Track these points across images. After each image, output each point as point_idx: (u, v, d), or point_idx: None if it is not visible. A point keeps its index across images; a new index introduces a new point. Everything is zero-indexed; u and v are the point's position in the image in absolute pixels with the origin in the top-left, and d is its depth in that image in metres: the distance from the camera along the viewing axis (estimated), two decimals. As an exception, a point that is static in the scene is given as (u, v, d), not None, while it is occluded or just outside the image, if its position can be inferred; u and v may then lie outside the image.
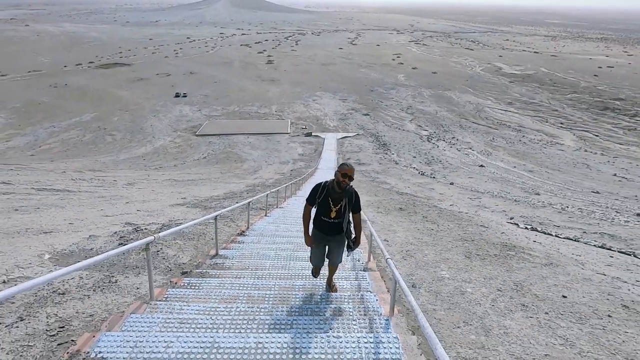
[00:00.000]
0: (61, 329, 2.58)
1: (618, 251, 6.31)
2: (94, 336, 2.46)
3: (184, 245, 5.24)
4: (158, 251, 4.64)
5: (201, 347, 2.33)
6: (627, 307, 3.28)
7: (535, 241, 6.85)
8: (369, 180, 23.91)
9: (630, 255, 6.09)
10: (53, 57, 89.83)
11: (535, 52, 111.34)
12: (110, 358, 2.25)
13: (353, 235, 3.47)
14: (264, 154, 38.15)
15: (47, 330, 2.57)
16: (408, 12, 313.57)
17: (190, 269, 4.26)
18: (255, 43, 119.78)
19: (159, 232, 4.30)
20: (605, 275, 4.69)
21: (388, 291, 3.56)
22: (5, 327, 2.56)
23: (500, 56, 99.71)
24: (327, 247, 3.51)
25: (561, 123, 53.54)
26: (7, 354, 2.27)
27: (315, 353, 2.29)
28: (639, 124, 52.87)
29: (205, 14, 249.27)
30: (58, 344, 2.40)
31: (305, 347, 2.33)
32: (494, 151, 41.83)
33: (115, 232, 5.70)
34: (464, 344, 2.54)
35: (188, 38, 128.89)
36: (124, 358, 2.25)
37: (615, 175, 33.88)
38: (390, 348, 2.29)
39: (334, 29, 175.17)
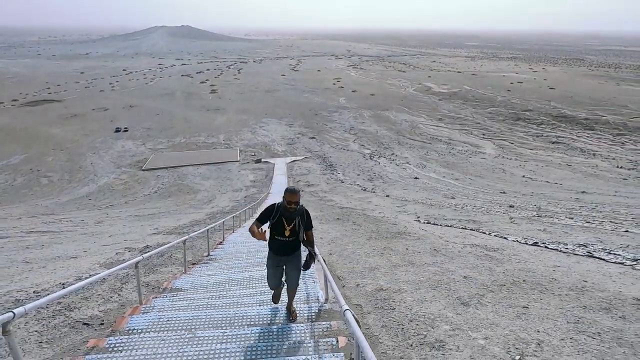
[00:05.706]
0: (148, 284, 5.09)
1: (469, 229, 9.80)
2: (171, 280, 5.03)
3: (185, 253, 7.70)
4: (170, 256, 7.10)
5: (224, 280, 5.00)
6: (435, 250, 6.42)
7: (423, 229, 10.13)
8: (317, 200, 26.94)
9: (475, 230, 9.59)
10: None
11: (458, 71, 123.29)
12: (183, 287, 4.83)
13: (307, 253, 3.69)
14: (216, 183, 38.67)
15: (143, 284, 5.05)
16: (344, 39, 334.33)
17: (195, 262, 6.79)
18: (197, 73, 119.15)
19: (166, 243, 6.80)
20: (447, 241, 7.94)
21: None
22: (122, 283, 5.02)
23: (429, 77, 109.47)
24: (284, 269, 3.68)
25: (483, 134, 60.83)
26: (132, 291, 4.75)
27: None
28: (544, 130, 62.19)
29: (141, 44, 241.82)
30: (152, 288, 4.92)
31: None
32: (428, 164, 46.87)
33: (129, 252, 7.97)
34: (344, 269, 5.45)
35: (124, 70, 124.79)
36: (189, 287, 4.84)
37: (523, 176, 40.14)
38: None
39: (275, 56, 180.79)
